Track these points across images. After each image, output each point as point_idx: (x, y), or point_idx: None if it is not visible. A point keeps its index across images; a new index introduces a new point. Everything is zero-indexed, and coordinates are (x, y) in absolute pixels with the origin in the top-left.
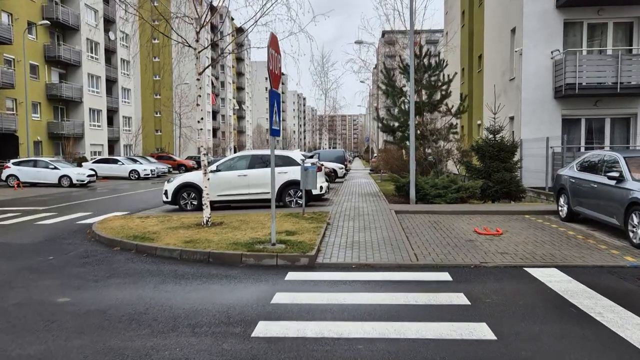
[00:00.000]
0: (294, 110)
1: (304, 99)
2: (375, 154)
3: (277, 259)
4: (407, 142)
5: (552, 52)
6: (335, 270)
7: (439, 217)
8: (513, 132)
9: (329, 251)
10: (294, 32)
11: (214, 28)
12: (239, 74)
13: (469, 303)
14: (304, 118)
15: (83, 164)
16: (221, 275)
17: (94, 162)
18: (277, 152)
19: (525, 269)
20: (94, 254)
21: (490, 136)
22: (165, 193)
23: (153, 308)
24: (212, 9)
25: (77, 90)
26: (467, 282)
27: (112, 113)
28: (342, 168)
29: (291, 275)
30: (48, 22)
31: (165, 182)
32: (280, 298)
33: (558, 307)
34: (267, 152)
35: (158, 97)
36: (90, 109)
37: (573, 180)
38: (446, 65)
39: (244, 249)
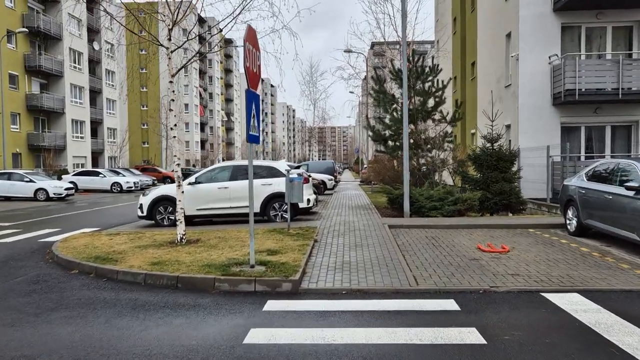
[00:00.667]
0: (283, 122)
1: (294, 110)
2: (365, 165)
3: (255, 284)
4: (400, 152)
5: (549, 57)
6: (323, 298)
7: (436, 232)
8: (510, 140)
9: (316, 274)
10: (276, 29)
11: (202, 39)
12: (228, 86)
13: (485, 342)
14: (294, 130)
15: (63, 176)
16: (189, 304)
17: (74, 175)
18: (261, 162)
19: (543, 294)
20: (45, 279)
21: (488, 145)
22: (140, 207)
23: (95, 354)
24: (201, 20)
25: (59, 100)
26: (477, 313)
27: (96, 124)
28: (331, 179)
29: (271, 304)
30: (26, 30)
31: (141, 196)
32: (255, 336)
33: (594, 346)
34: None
35: (145, 108)
36: (73, 120)
37: (583, 192)
38: (440, 70)
39: (218, 272)
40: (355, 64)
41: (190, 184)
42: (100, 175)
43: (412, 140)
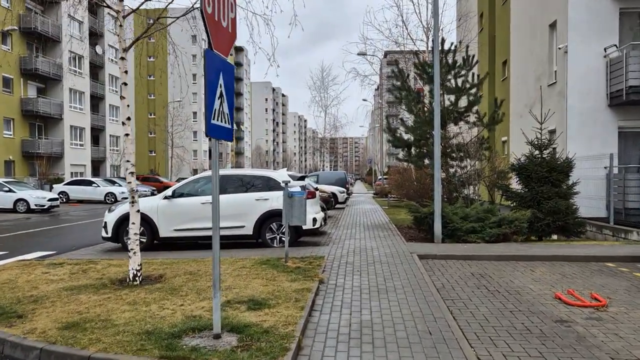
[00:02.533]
0: (294, 132)
1: (305, 120)
2: (379, 177)
3: None
4: (426, 160)
5: (605, 49)
6: None
7: (483, 266)
8: (554, 148)
9: (319, 350)
10: None
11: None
12: (237, 94)
13: None
14: (305, 140)
15: (54, 185)
16: None
17: (65, 184)
18: (254, 171)
19: None
20: None
21: (536, 152)
22: (105, 226)
23: None
24: None
25: (56, 106)
26: None
27: (98, 132)
28: (343, 192)
29: None
30: (15, 28)
31: (106, 212)
32: None
33: None
34: (244, 171)
35: (152, 116)
36: (71, 126)
37: None
38: (476, 62)
39: (157, 349)
40: (373, 59)
41: (166, 197)
42: (93, 185)
43: (441, 147)
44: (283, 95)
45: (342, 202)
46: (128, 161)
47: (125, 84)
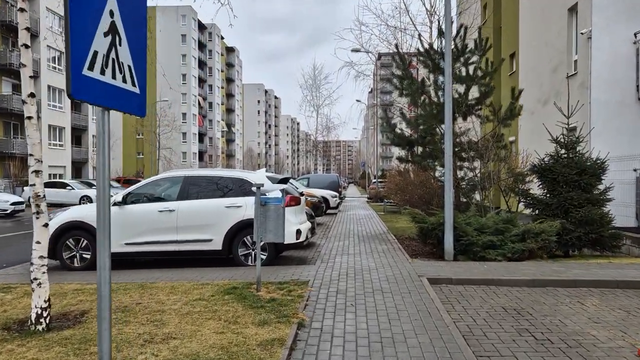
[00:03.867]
0: (287, 135)
1: (298, 123)
2: (374, 180)
3: None
4: (432, 161)
5: (635, 35)
6: None
7: (514, 295)
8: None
9: None
10: None
11: (202, 46)
12: (229, 95)
13: None
14: (298, 143)
15: (25, 188)
16: None
17: None
18: (227, 172)
19: None
20: None
21: (562, 151)
22: None
23: None
24: None
25: None
26: None
27: (80, 132)
28: (335, 197)
29: None
30: None
31: None
32: None
33: None
34: (212, 172)
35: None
36: (50, 125)
37: None
38: (489, 47)
39: None
40: (368, 45)
41: (116, 204)
42: (67, 187)
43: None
44: (276, 97)
45: (334, 207)
46: (32, 155)
47: (27, 46)
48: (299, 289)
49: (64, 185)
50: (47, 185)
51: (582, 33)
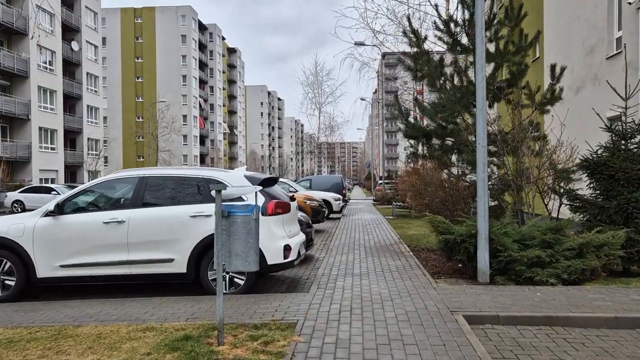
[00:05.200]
0: (291, 137)
1: (302, 125)
2: (380, 182)
3: None
4: (457, 157)
5: None
6: None
7: (593, 342)
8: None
9: None
10: None
11: (203, 47)
12: (231, 97)
13: None
14: (302, 145)
15: (8, 194)
16: None
17: (21, 192)
18: (193, 171)
19: None
20: None
21: (621, 143)
22: None
23: None
24: None
25: (22, 105)
26: None
27: (74, 134)
28: (338, 200)
29: None
30: None
31: None
32: None
33: None
34: (174, 171)
35: (141, 119)
36: (40, 128)
37: None
38: (524, 15)
39: None
40: (374, 22)
41: (49, 214)
42: (53, 192)
43: (471, 137)
44: (279, 99)
45: (337, 212)
46: None
47: None
48: (280, 337)
49: (49, 190)
50: (31, 190)
51: (629, 3)
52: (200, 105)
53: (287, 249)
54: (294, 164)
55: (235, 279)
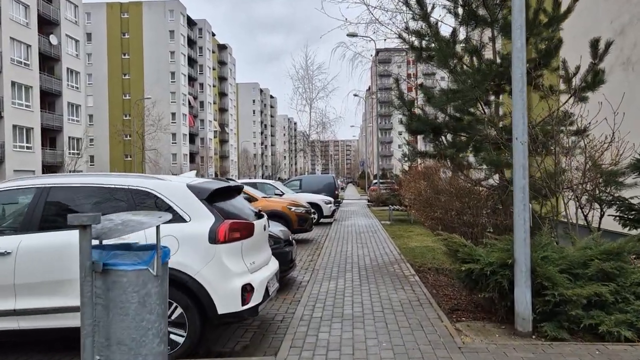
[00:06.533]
0: (284, 135)
1: (295, 123)
2: (375, 181)
3: None
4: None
5: None
6: None
7: None
8: None
9: None
10: None
11: (192, 43)
12: (222, 94)
13: None
14: (295, 143)
15: None
16: None
17: None
18: (112, 178)
19: None
20: None
21: None
22: None
23: None
24: None
25: None
26: None
27: (54, 133)
28: (330, 203)
29: None
30: None
31: None
32: None
33: None
34: (88, 179)
35: (128, 117)
36: (15, 126)
37: None
38: None
39: None
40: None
41: None
42: None
43: (492, 131)
44: (271, 97)
45: (328, 216)
46: None
47: None
48: None
49: None
50: None
51: None
52: (189, 103)
53: (247, 290)
54: (287, 162)
55: (172, 335)
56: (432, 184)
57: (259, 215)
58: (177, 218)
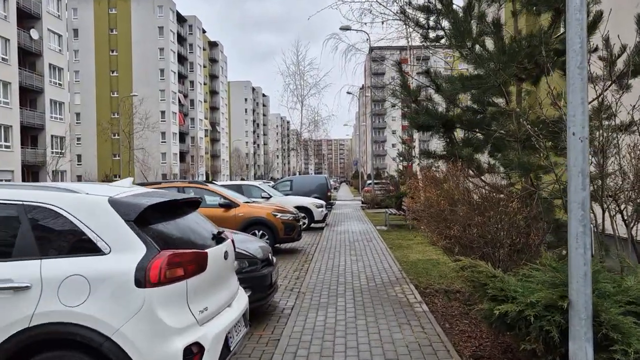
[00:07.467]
0: (277, 134)
1: (288, 122)
2: (369, 182)
3: None
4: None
5: None
6: None
7: None
8: None
9: None
10: None
11: (182, 40)
12: (213, 92)
13: None
14: (288, 142)
15: None
16: None
17: None
18: (4, 189)
19: None
20: None
21: None
22: None
23: None
24: None
25: None
26: None
27: (36, 131)
28: (321, 206)
29: None
30: None
31: None
32: None
33: None
34: None
35: (116, 116)
36: None
37: None
38: None
39: None
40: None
41: None
42: None
43: (522, 126)
44: (264, 95)
45: (320, 221)
46: None
47: None
48: None
49: None
50: None
51: None
52: (179, 101)
53: (193, 352)
54: (279, 161)
55: None
56: (448, 193)
57: (218, 239)
58: (90, 248)
